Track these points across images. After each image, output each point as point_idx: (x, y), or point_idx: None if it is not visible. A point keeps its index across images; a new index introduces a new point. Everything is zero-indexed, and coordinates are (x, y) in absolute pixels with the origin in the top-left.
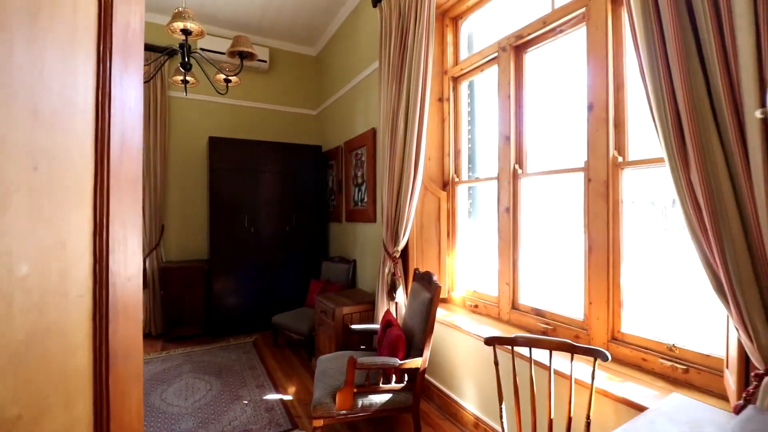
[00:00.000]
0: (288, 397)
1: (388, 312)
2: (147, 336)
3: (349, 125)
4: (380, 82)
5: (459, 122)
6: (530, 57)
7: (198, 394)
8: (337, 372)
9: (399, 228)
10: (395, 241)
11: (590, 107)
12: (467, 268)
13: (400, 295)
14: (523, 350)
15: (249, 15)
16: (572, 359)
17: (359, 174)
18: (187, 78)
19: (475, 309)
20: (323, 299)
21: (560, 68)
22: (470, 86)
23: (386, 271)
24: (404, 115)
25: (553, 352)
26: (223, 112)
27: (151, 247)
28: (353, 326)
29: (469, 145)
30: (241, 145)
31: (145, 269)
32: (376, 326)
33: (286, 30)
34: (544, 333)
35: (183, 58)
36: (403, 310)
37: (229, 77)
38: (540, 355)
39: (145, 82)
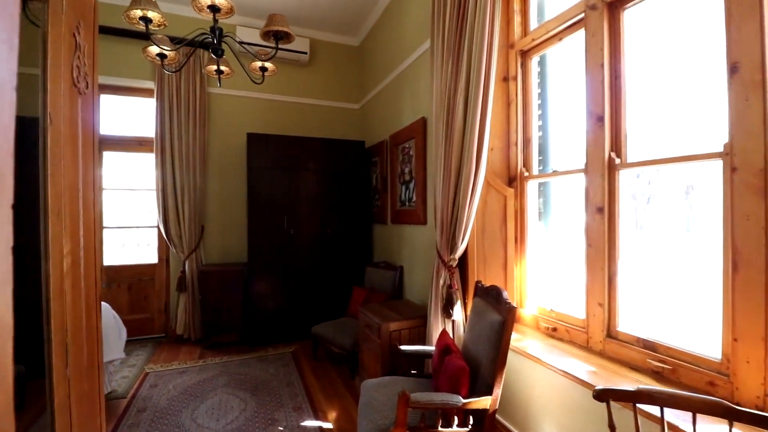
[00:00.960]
0: (328, 425)
1: (444, 333)
2: (186, 341)
3: (395, 116)
4: (433, 62)
5: (529, 105)
6: (630, 15)
7: (231, 414)
8: (385, 405)
9: (456, 232)
10: (452, 247)
11: (733, 69)
12: (540, 281)
13: (458, 313)
14: (648, 407)
15: (286, 3)
16: (730, 430)
17: (406, 170)
18: (222, 68)
19: (553, 333)
20: (367, 312)
21: (674, 23)
22: (541, 62)
23: (441, 282)
24: (463, 98)
25: (699, 415)
26: (262, 107)
27: (190, 249)
28: (403, 348)
29: (540, 133)
30: (279, 142)
31: (184, 272)
32: (430, 348)
33: (326, 19)
34: (657, 373)
35: (214, 43)
36: (461, 330)
37: (265, 65)
38: (675, 416)
39: (175, 71)
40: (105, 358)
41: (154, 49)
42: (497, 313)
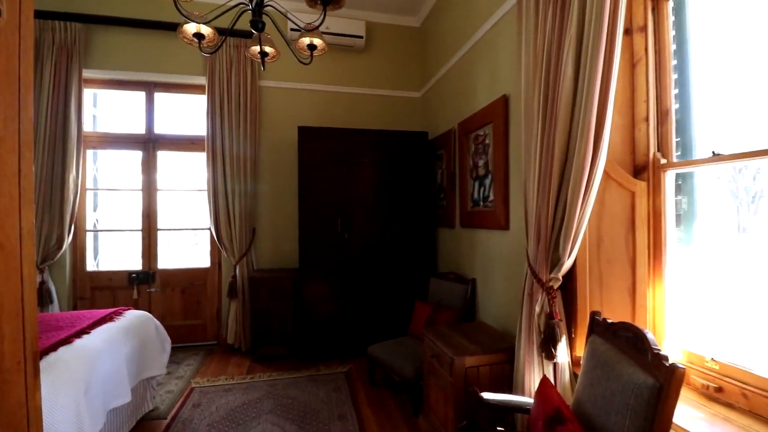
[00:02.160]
0: None
1: (546, 384)
2: (236, 351)
3: (465, 100)
4: (522, 22)
5: (665, 65)
6: None
7: None
8: None
9: (561, 242)
10: (553, 263)
11: None
12: (686, 314)
13: (563, 353)
14: None
15: None
16: None
17: (480, 163)
18: (266, 49)
19: (717, 395)
20: (434, 337)
21: None
22: (678, 8)
23: (537, 309)
24: (573, 58)
25: None
26: (315, 99)
27: (241, 253)
28: (486, 396)
29: (677, 105)
30: (333, 135)
31: (234, 277)
32: (524, 401)
33: None
34: None
35: (253, 16)
36: (566, 376)
37: (314, 42)
38: None
39: (211, 53)
40: (142, 374)
41: (190, 29)
42: (642, 370)
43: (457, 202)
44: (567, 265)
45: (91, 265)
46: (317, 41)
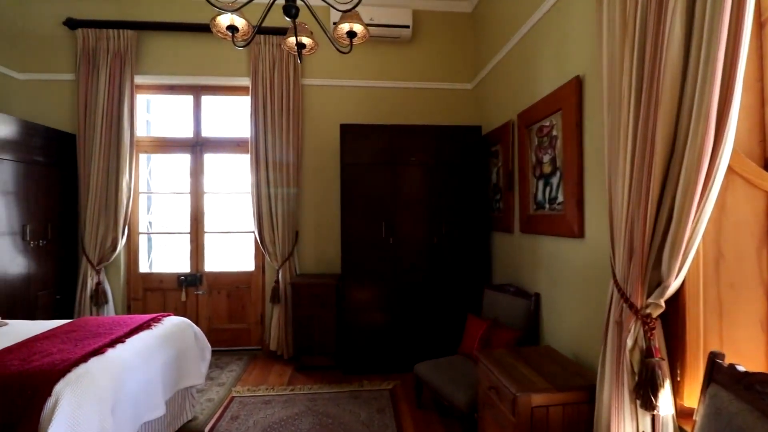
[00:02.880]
0: None
1: None
2: (279, 359)
3: (526, 87)
4: None
5: None
6: None
7: None
8: None
9: (665, 257)
10: (651, 283)
11: None
12: None
13: (666, 403)
14: None
15: None
16: None
17: (546, 158)
18: (303, 40)
19: None
20: (492, 365)
21: None
22: None
23: (629, 342)
24: (683, 11)
25: None
26: (360, 96)
27: (284, 258)
28: None
29: None
30: (377, 132)
31: (277, 282)
32: None
33: None
34: None
35: (287, 1)
36: (669, 430)
37: (353, 28)
38: None
39: (244, 46)
40: (180, 384)
41: (223, 21)
42: None
43: (516, 204)
44: (672, 287)
45: (144, 267)
46: (357, 27)
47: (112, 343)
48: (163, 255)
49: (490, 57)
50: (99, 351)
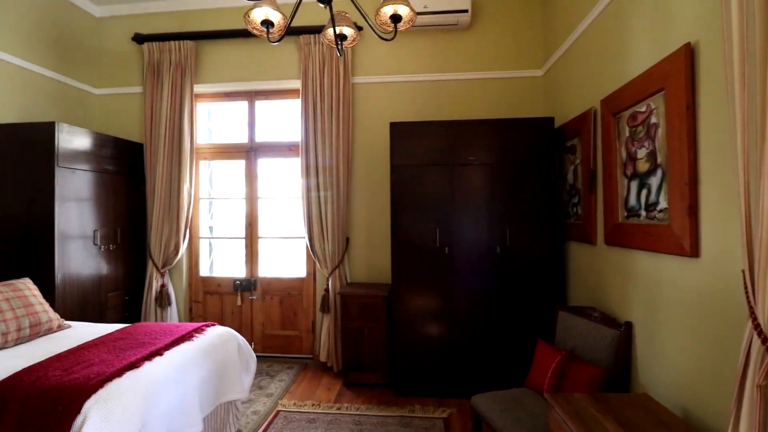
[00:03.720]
0: None
1: None
2: (329, 370)
3: (612, 66)
4: None
5: None
6: None
7: None
8: None
9: None
10: None
11: None
12: None
13: None
14: None
15: None
16: None
17: (641, 153)
18: (344, 31)
19: None
20: (568, 418)
21: None
22: None
23: None
24: None
25: None
26: (413, 92)
27: (334, 265)
28: None
29: None
30: (430, 130)
31: (327, 290)
32: None
33: None
34: None
35: None
36: None
37: (398, 11)
38: None
39: (277, 41)
40: (221, 398)
41: (257, 16)
42: None
43: (599, 210)
44: None
45: (205, 271)
46: (402, 10)
47: (151, 356)
48: (222, 259)
49: (564, 36)
50: (135, 365)
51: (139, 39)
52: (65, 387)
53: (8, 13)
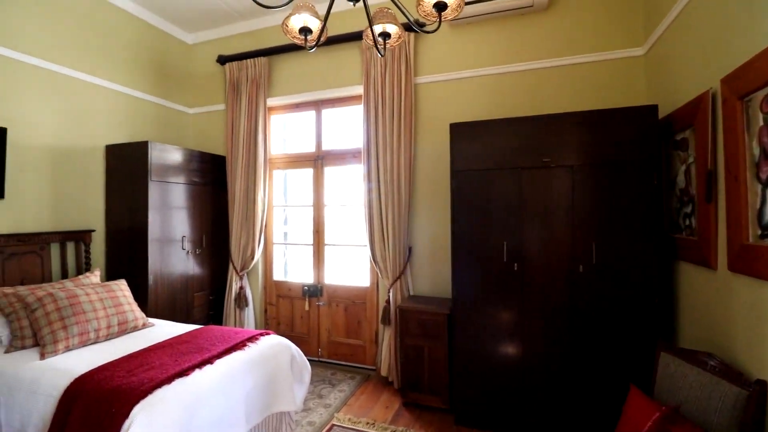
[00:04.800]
0: None
1: None
2: (389, 385)
3: (739, 34)
4: None
5: None
6: None
7: None
8: None
9: None
10: None
11: None
12: None
13: None
14: None
15: None
16: None
17: None
18: (387, 29)
19: None
20: None
21: None
22: None
23: None
24: None
25: None
26: (484, 88)
27: (395, 276)
28: None
29: None
30: (497, 129)
31: (388, 302)
32: None
33: None
34: None
35: None
36: None
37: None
38: None
39: (313, 47)
40: (271, 409)
41: (295, 23)
42: None
43: (720, 224)
44: None
45: (279, 275)
46: None
47: (202, 364)
48: (295, 265)
49: (670, 3)
50: (185, 372)
51: (222, 60)
52: (122, 390)
53: (116, 48)
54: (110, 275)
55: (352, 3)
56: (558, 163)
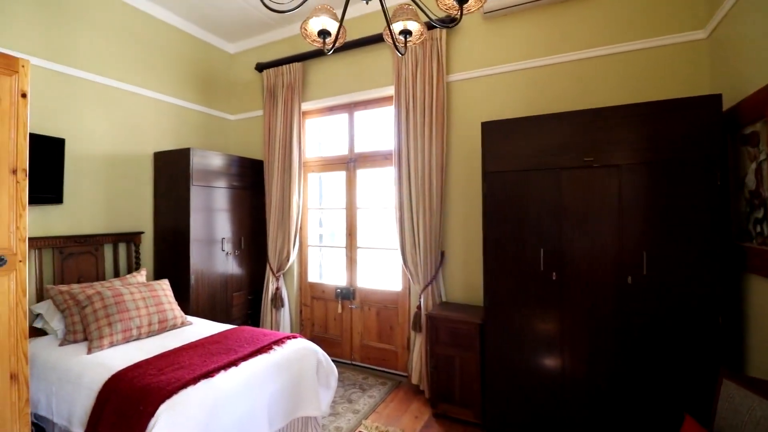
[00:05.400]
0: None
1: None
2: (420, 394)
3: None
4: None
5: None
6: None
7: None
8: None
9: None
10: None
11: None
12: None
13: None
14: None
15: None
16: None
17: None
18: (408, 26)
19: None
20: None
21: None
22: None
23: None
24: None
25: None
26: (522, 83)
27: (426, 281)
28: None
29: None
30: (533, 127)
31: (419, 308)
32: None
33: None
34: None
35: None
36: None
37: None
38: None
39: (331, 50)
40: (296, 413)
41: (314, 26)
42: None
43: None
44: None
45: (314, 277)
46: None
47: (227, 366)
48: (329, 267)
49: None
50: (210, 374)
51: (260, 67)
52: (151, 389)
53: (164, 61)
54: (158, 274)
55: (365, 1)
56: (602, 162)
